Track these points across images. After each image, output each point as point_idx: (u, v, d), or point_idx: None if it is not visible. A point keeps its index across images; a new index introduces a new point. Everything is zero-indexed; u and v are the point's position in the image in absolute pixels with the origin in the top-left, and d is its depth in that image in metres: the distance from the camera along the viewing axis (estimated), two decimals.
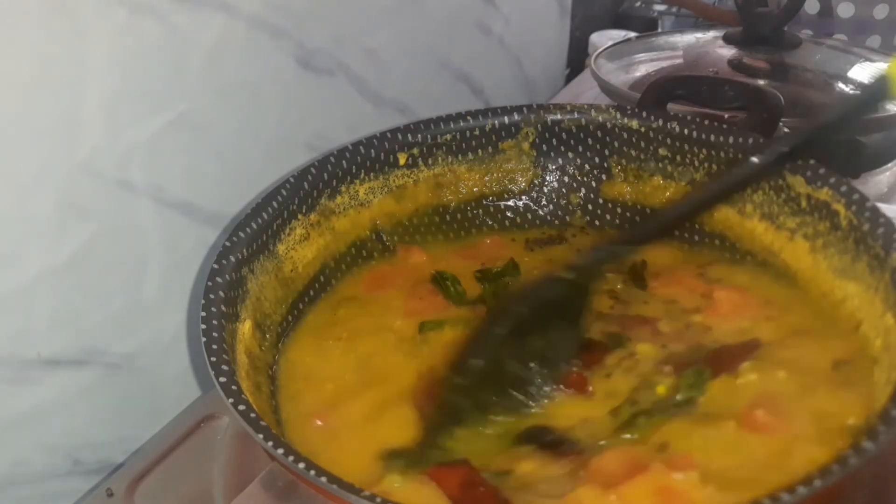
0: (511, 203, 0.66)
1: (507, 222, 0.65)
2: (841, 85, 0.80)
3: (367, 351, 0.52)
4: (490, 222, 0.65)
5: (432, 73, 0.84)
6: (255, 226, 0.52)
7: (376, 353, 0.52)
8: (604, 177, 0.64)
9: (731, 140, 0.57)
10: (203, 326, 0.44)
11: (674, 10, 1.23)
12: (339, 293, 0.59)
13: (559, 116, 0.64)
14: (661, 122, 0.61)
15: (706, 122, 0.59)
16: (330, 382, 0.50)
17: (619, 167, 0.64)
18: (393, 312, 0.55)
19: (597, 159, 0.64)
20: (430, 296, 0.57)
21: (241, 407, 0.40)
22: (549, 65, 1.11)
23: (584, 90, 0.99)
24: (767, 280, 0.55)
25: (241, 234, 0.51)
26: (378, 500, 0.35)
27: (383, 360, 0.52)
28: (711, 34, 0.87)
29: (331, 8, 0.67)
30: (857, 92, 0.60)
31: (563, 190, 0.65)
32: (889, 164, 0.77)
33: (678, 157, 0.61)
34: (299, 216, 0.56)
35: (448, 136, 0.63)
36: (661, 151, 0.61)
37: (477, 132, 0.63)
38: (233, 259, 0.50)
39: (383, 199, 0.62)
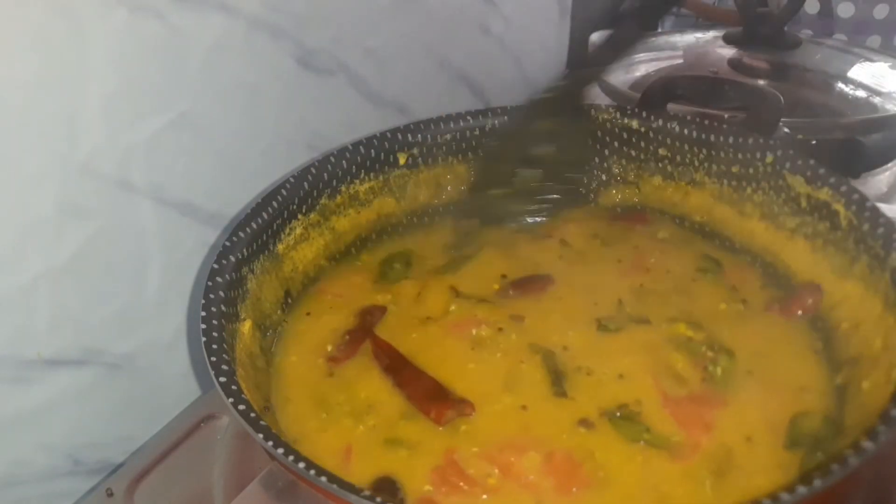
0: None
1: None
2: (841, 85, 0.80)
3: None
4: None
5: (432, 73, 0.84)
6: (255, 226, 0.52)
7: None
8: (604, 177, 0.64)
9: (731, 140, 0.57)
10: (203, 326, 0.44)
11: (674, 10, 1.23)
12: None
13: None
14: (661, 122, 0.61)
15: (706, 122, 0.59)
16: None
17: (619, 167, 0.64)
18: None
19: (597, 159, 0.64)
20: None
21: (241, 407, 0.40)
22: (549, 65, 1.11)
23: None
24: None
25: (241, 234, 0.51)
26: (378, 499, 0.35)
27: None
28: (711, 34, 0.87)
29: (331, 8, 0.67)
30: None
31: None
32: (889, 164, 0.77)
33: (678, 157, 0.61)
34: (299, 216, 0.56)
35: (448, 136, 0.63)
36: (661, 151, 0.61)
37: (477, 132, 0.63)
38: (233, 259, 0.50)
39: (383, 199, 0.62)
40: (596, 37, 1.07)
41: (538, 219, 0.62)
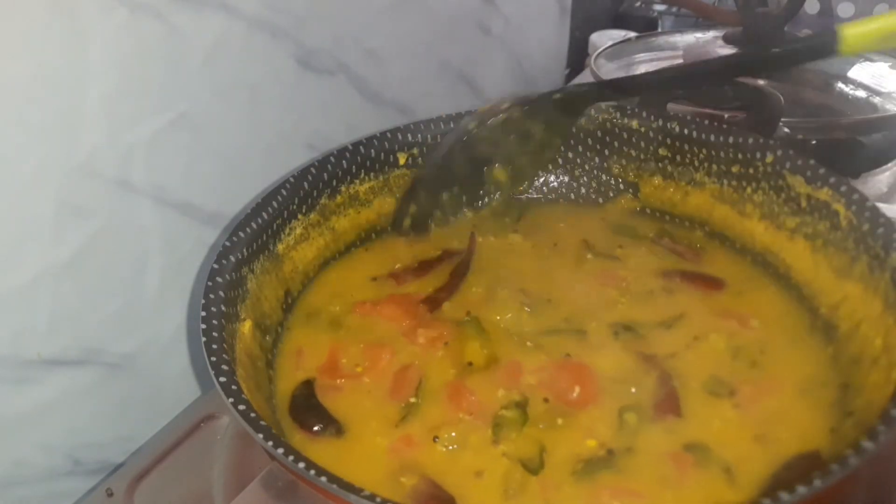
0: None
1: None
2: (841, 85, 0.80)
3: None
4: None
5: (432, 73, 0.84)
6: (255, 226, 0.52)
7: None
8: (604, 177, 0.64)
9: (731, 140, 0.57)
10: (203, 326, 0.44)
11: (674, 10, 1.23)
12: None
13: None
14: (661, 122, 0.61)
15: (706, 122, 0.59)
16: None
17: (619, 167, 0.64)
18: None
19: (597, 159, 0.64)
20: None
21: (241, 407, 0.40)
22: (549, 65, 1.11)
23: None
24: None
25: (241, 234, 0.51)
26: (378, 499, 0.35)
27: None
28: (711, 34, 0.87)
29: (331, 8, 0.67)
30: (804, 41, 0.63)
31: (563, 190, 0.65)
32: (889, 164, 0.77)
33: (678, 157, 0.61)
34: (299, 216, 0.56)
35: None
36: (661, 151, 0.61)
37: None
38: (233, 259, 0.50)
39: (383, 199, 0.62)
40: (596, 37, 1.07)
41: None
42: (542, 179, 0.66)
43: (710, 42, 0.86)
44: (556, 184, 0.65)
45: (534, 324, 0.52)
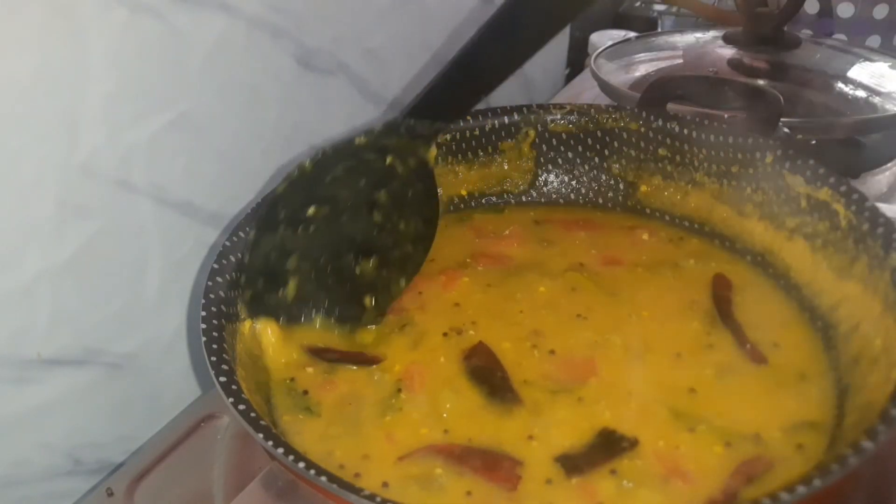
0: (511, 203, 0.66)
1: None
2: (841, 85, 0.80)
3: None
4: None
5: (432, 73, 0.84)
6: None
7: None
8: (603, 177, 0.64)
9: (731, 140, 0.57)
10: (203, 326, 0.44)
11: (674, 10, 1.23)
12: None
13: (559, 116, 0.64)
14: (661, 122, 0.61)
15: (706, 122, 0.59)
16: None
17: (618, 167, 0.64)
18: None
19: (597, 159, 0.64)
20: None
21: (241, 407, 0.40)
22: (549, 65, 1.11)
23: (584, 90, 0.99)
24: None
25: (241, 234, 0.51)
26: (378, 499, 0.35)
27: None
28: (711, 34, 0.87)
29: (331, 8, 0.67)
30: None
31: (563, 190, 0.66)
32: (889, 164, 0.77)
33: (678, 157, 0.61)
34: None
35: (448, 136, 0.63)
36: (661, 151, 0.61)
37: (477, 132, 0.63)
38: (233, 259, 0.50)
39: None
40: (596, 37, 1.07)
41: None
42: (542, 178, 0.66)
43: (710, 42, 0.86)
44: (556, 184, 0.65)
45: None
